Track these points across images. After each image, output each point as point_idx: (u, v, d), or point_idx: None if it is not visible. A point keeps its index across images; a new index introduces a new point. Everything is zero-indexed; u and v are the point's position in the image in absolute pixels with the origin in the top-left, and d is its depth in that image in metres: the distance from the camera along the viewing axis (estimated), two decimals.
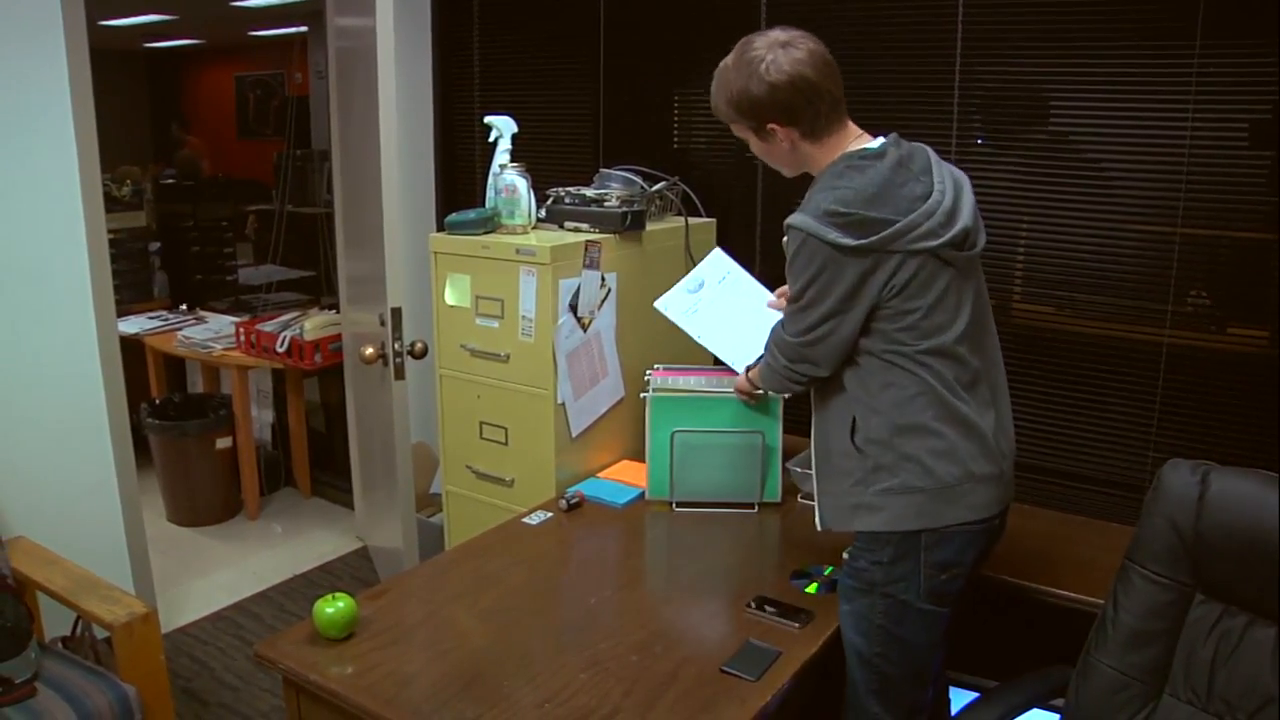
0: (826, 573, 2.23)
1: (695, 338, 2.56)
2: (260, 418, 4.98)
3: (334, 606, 1.96)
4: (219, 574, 4.11)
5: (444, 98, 4.02)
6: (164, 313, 5.23)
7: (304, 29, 7.40)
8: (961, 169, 1.99)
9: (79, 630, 2.82)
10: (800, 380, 2.02)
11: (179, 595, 3.89)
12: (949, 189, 1.89)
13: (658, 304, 2.60)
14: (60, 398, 3.08)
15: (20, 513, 2.94)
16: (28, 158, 2.93)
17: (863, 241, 1.80)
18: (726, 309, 2.55)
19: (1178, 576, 1.80)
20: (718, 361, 2.60)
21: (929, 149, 1.97)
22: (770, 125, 1.93)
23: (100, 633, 2.75)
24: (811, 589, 2.16)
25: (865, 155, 1.89)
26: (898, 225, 1.80)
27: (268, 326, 4.41)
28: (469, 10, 3.85)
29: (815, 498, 2.03)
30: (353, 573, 4.08)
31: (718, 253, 2.67)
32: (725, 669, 1.87)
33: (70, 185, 3.02)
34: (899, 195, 1.83)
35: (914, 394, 1.87)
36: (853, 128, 1.98)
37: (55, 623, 2.83)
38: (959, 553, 1.90)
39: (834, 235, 1.80)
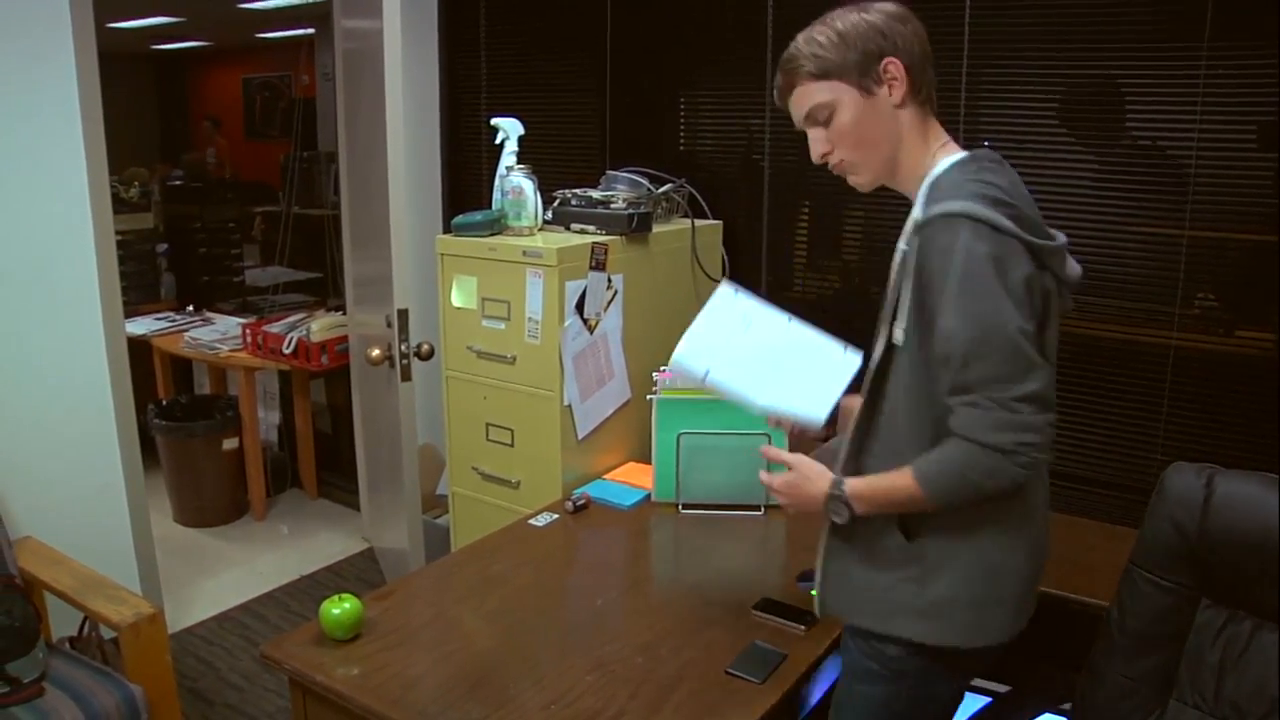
0: None
1: (746, 399, 1.89)
2: (267, 419, 4.99)
3: (340, 607, 1.96)
4: (225, 575, 4.11)
5: (451, 100, 4.02)
6: (171, 314, 5.24)
7: (311, 31, 7.42)
8: None
9: (86, 630, 2.83)
10: (1027, 463, 1.47)
11: (185, 596, 3.89)
12: None
13: (673, 365, 1.97)
14: (68, 398, 3.09)
15: (28, 513, 2.95)
16: (36, 159, 2.94)
17: (1035, 241, 1.49)
18: (759, 354, 1.92)
19: (1183, 581, 1.79)
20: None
21: None
22: (888, 62, 1.60)
23: (107, 633, 2.76)
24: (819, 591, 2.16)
25: (984, 158, 1.60)
26: (1053, 243, 1.53)
27: (274, 328, 4.42)
28: (476, 12, 3.86)
29: (821, 573, 1.77)
30: (359, 574, 4.08)
31: (726, 291, 2.02)
32: (731, 671, 1.87)
33: (78, 186, 3.02)
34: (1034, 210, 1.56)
35: None
36: (942, 130, 1.69)
37: (62, 623, 2.84)
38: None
39: (1010, 225, 1.45)
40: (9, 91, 2.86)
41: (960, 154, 1.63)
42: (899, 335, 1.57)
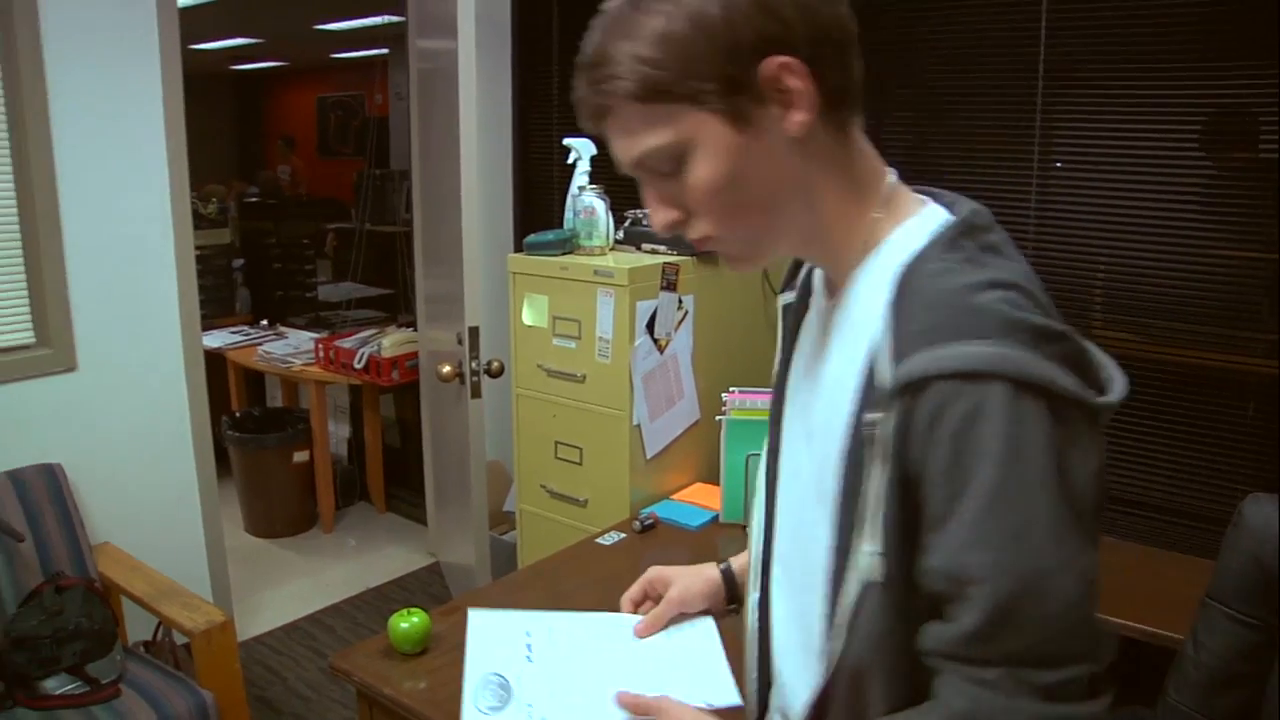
0: None
1: None
2: (337, 432, 5.06)
3: (409, 621, 1.98)
4: (293, 585, 4.17)
5: (523, 119, 4.06)
6: (245, 328, 5.34)
7: (385, 51, 7.54)
8: (1042, 193, 1.53)
9: (160, 635, 2.89)
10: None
11: (254, 605, 3.95)
12: None
13: None
14: (147, 409, 3.16)
15: (107, 520, 3.02)
16: (123, 177, 3.03)
17: (1098, 401, 0.89)
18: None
19: (1263, 617, 1.75)
20: None
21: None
22: (778, 65, 0.93)
23: (179, 638, 2.81)
24: None
25: (974, 220, 1.00)
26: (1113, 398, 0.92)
27: (346, 343, 4.48)
28: (549, 33, 3.90)
29: None
30: (424, 588, 4.11)
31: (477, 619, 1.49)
32: None
33: (161, 203, 3.11)
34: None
35: None
36: (881, 163, 1.07)
37: (137, 627, 2.90)
38: None
39: (1071, 385, 0.86)
40: (100, 112, 2.96)
41: (925, 210, 1.04)
42: (870, 566, 0.92)
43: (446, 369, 3.05)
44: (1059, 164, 2.77)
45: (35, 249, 2.89)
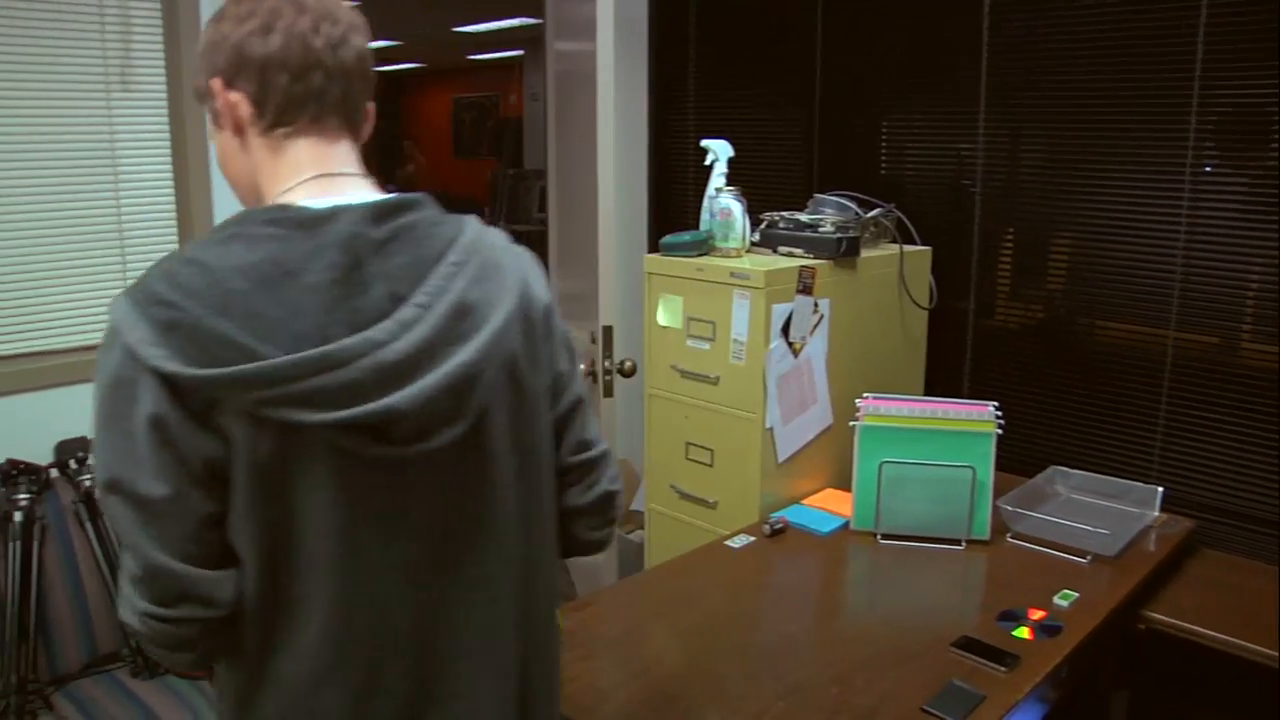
0: (1036, 617, 2.15)
1: None
2: None
3: None
4: None
5: (659, 120, 4.08)
6: None
7: (520, 53, 7.65)
8: (1192, 195, 1.64)
9: None
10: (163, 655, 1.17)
11: None
12: (442, 316, 1.14)
13: None
14: None
15: None
16: None
17: (189, 372, 1.05)
18: None
19: None
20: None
21: (482, 232, 1.26)
22: (211, 83, 1.22)
23: None
24: (1020, 632, 2.09)
25: (292, 212, 1.13)
26: (271, 363, 1.05)
27: None
28: (685, 35, 3.91)
29: None
30: None
31: None
32: (927, 709, 1.82)
33: None
34: (296, 297, 1.08)
35: None
36: (311, 163, 1.22)
37: None
38: None
39: (140, 335, 1.05)
40: None
41: (291, 183, 1.21)
42: None
43: (580, 367, 3.08)
44: (1209, 168, 2.67)
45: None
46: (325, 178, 1.22)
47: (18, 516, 2.51)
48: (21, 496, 2.54)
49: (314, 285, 1.08)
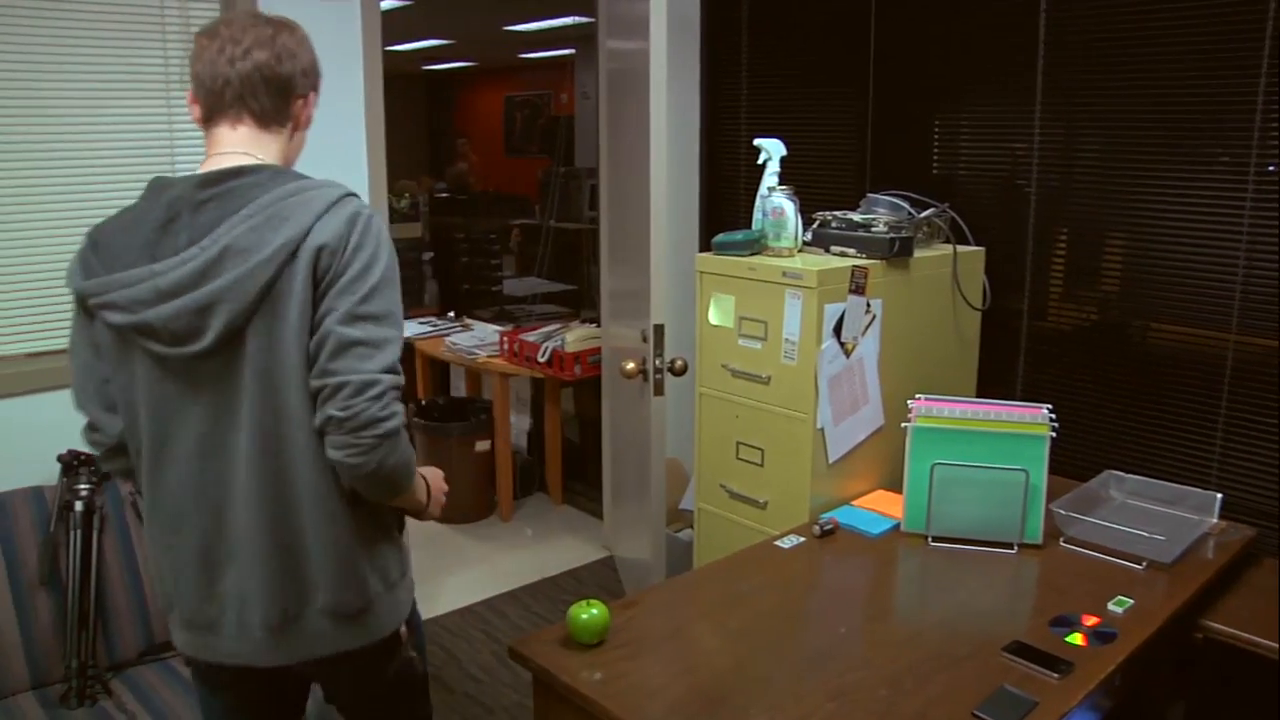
0: (1090, 623, 2.12)
1: None
2: (518, 424, 5.17)
3: (588, 613, 2.01)
4: (470, 571, 4.28)
5: (710, 119, 4.07)
6: (434, 319, 5.50)
7: (572, 51, 7.67)
8: (1256, 195, 1.73)
9: None
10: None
11: (432, 588, 4.07)
12: (212, 257, 1.56)
13: None
14: None
15: None
16: (327, 175, 3.15)
17: (74, 284, 1.66)
18: None
19: None
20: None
21: (283, 179, 1.66)
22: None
23: None
24: (1073, 639, 2.06)
25: (154, 182, 1.68)
26: (96, 279, 1.62)
27: (531, 336, 4.58)
28: (738, 33, 3.90)
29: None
30: (598, 581, 4.16)
31: None
32: (977, 713, 1.80)
33: (361, 198, 3.23)
34: (134, 240, 1.62)
35: None
36: (225, 135, 1.70)
37: None
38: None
39: (72, 261, 1.69)
40: None
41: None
42: None
43: (630, 365, 3.08)
44: (1272, 168, 2.63)
45: None
46: (215, 156, 1.69)
47: (78, 506, 2.56)
48: (82, 486, 2.59)
49: (144, 233, 1.60)
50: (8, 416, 2.71)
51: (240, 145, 1.69)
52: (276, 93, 1.70)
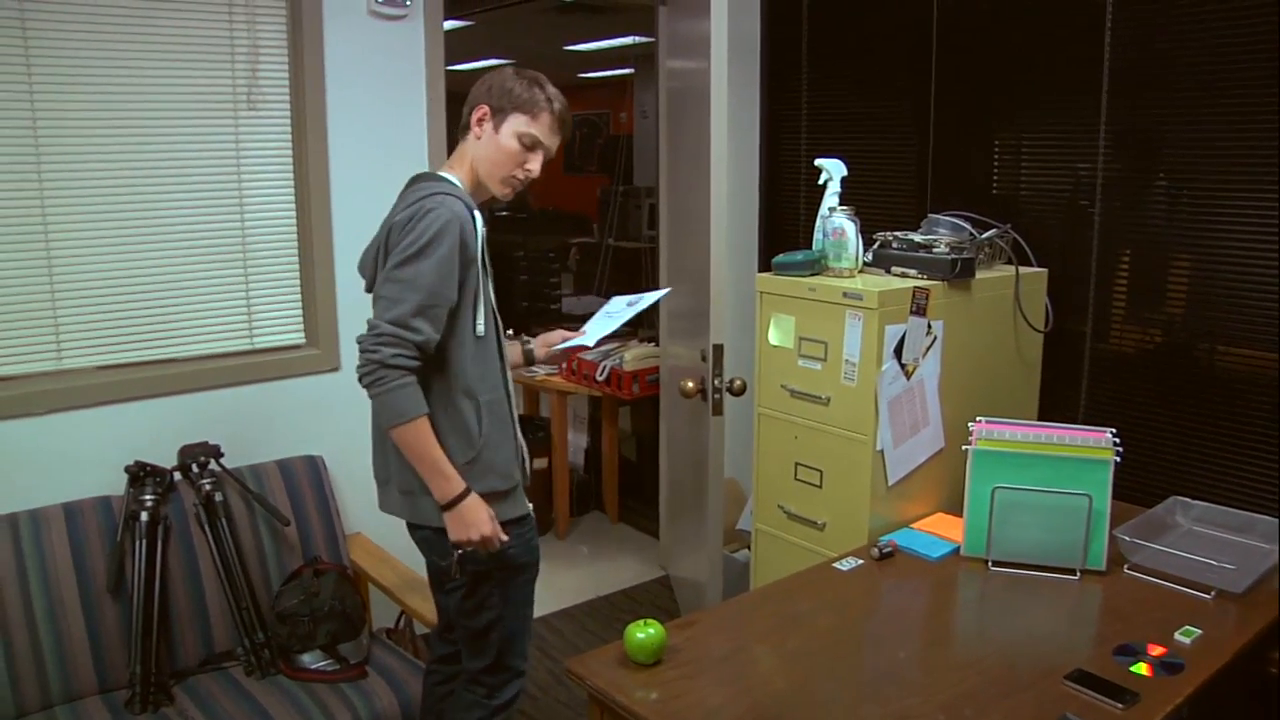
0: (1156, 653, 2.07)
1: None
2: (575, 442, 5.17)
3: (645, 632, 2.00)
4: None
5: (770, 139, 4.07)
6: None
7: (631, 71, 7.69)
8: None
9: (401, 624, 3.02)
10: None
11: None
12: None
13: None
14: None
15: (360, 511, 3.17)
16: (388, 191, 3.19)
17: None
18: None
19: None
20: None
21: (421, 181, 2.27)
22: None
23: (418, 628, 2.94)
24: (1138, 669, 2.02)
25: None
26: None
27: (589, 355, 4.58)
28: (798, 53, 3.89)
29: None
30: (653, 600, 4.15)
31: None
32: None
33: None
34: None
35: None
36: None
37: (380, 615, 3.04)
38: None
39: None
40: (370, 129, 3.14)
41: None
42: None
43: (689, 385, 3.08)
44: None
45: (309, 258, 3.09)
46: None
47: (144, 516, 2.60)
48: (148, 497, 2.63)
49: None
50: (78, 427, 2.76)
51: (448, 160, 2.37)
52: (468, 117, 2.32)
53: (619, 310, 2.66)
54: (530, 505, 2.42)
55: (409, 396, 2.09)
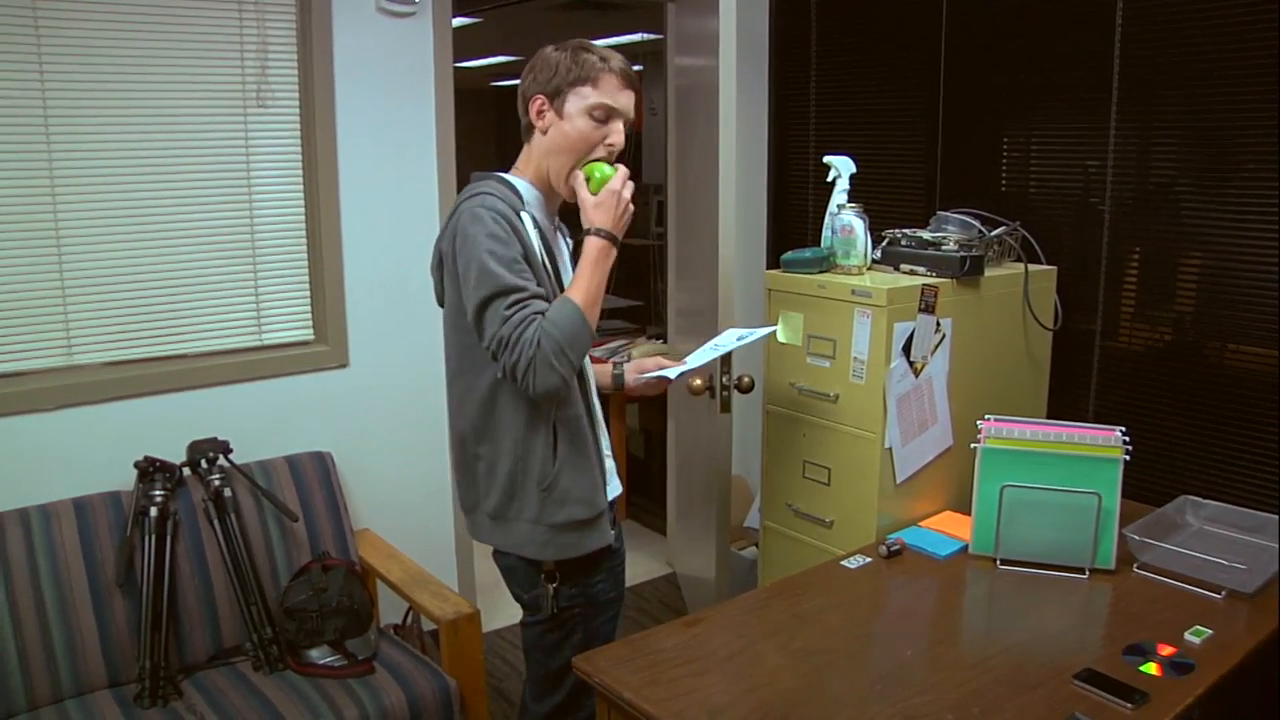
0: (1166, 653, 2.06)
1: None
2: None
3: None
4: None
5: (779, 136, 4.07)
6: None
7: (639, 68, 7.68)
8: None
9: (409, 620, 3.02)
10: None
11: (494, 599, 4.06)
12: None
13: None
14: (410, 407, 3.32)
15: (368, 508, 3.19)
16: (396, 187, 3.21)
17: None
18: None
19: None
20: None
21: (479, 183, 2.08)
22: None
23: (425, 624, 2.94)
24: (1148, 668, 2.01)
25: None
26: None
27: (596, 352, 4.58)
28: (806, 50, 3.89)
29: None
30: (660, 597, 4.15)
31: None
32: None
33: (430, 212, 3.28)
34: None
35: None
36: None
37: (388, 610, 3.05)
38: None
39: None
40: (379, 125, 3.15)
41: None
42: None
43: (698, 382, 3.08)
44: None
45: (318, 254, 3.10)
46: None
47: (153, 511, 2.61)
48: (157, 492, 2.64)
49: None
50: (88, 423, 2.77)
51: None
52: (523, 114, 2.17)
53: (726, 343, 2.51)
54: (614, 533, 2.21)
55: (561, 325, 1.94)
